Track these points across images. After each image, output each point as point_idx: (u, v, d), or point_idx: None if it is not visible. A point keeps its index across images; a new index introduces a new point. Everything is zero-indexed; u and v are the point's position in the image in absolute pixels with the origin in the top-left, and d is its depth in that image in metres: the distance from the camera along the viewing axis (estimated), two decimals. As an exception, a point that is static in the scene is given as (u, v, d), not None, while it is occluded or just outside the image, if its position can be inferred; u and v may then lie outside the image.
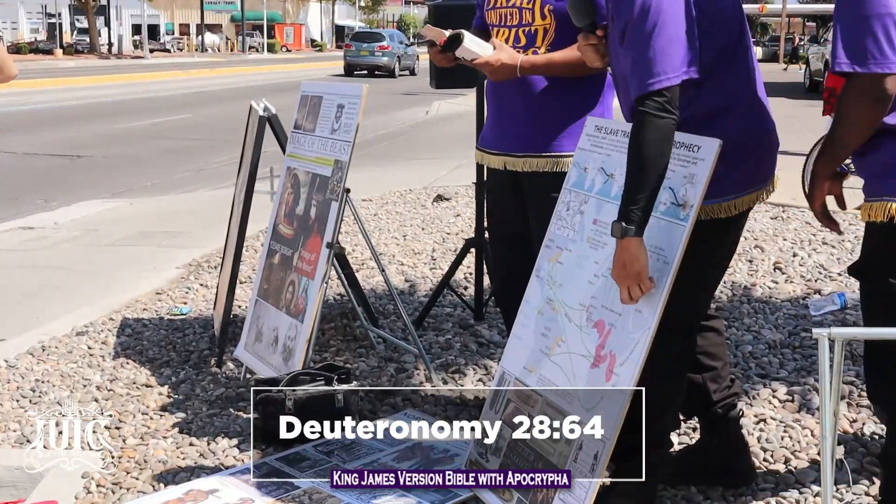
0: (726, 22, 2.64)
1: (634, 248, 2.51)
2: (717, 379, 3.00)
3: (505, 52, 3.19)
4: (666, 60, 2.46)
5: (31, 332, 4.91)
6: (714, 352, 2.99)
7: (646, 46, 2.47)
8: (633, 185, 2.49)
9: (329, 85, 4.23)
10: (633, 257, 2.51)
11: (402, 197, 8.61)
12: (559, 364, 2.80)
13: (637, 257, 2.51)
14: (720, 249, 2.80)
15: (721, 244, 2.79)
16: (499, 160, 3.39)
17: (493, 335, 4.59)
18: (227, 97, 22.75)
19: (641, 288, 2.54)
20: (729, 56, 2.65)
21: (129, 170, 11.52)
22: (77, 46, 60.30)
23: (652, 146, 2.46)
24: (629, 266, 2.52)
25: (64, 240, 7.30)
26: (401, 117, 18.44)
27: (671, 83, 2.46)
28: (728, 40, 2.64)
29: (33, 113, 18.46)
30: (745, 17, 2.74)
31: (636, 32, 2.50)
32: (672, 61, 2.46)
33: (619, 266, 2.54)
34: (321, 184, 3.95)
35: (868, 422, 3.50)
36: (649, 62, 2.47)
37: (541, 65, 3.19)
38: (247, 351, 4.17)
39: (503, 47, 3.20)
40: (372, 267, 5.76)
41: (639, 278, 2.53)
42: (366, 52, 34.81)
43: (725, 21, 2.63)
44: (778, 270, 5.66)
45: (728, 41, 2.64)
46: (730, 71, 2.65)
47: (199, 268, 6.19)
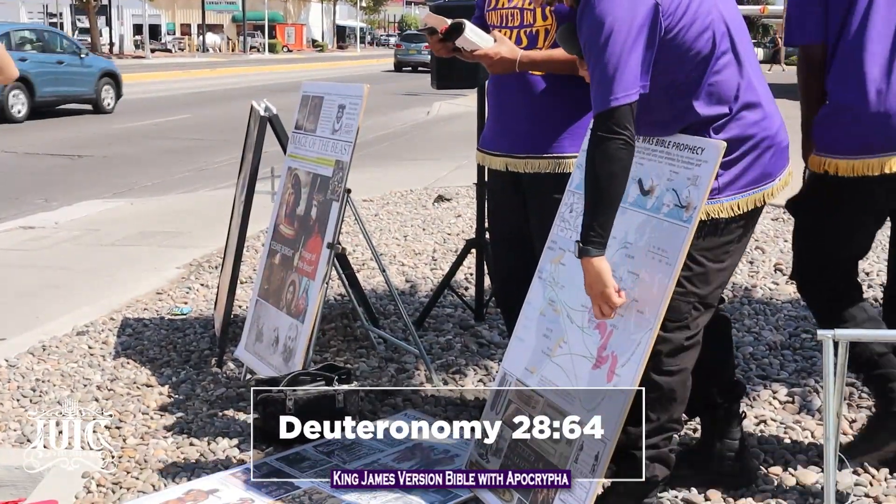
0: (705, 31, 2.58)
1: (596, 268, 2.55)
2: (723, 377, 3.00)
3: (505, 45, 3.18)
4: (616, 80, 2.47)
5: (32, 331, 4.91)
6: (719, 350, 2.99)
7: (596, 67, 2.51)
8: (590, 206, 2.54)
9: (330, 85, 4.23)
10: (594, 277, 2.56)
11: (403, 197, 8.61)
12: (561, 365, 2.80)
13: (598, 277, 2.55)
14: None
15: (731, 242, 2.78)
16: (500, 161, 3.39)
17: (493, 336, 4.58)
18: (228, 97, 22.76)
19: (610, 305, 2.57)
20: (714, 64, 2.61)
21: (130, 169, 11.52)
22: (78, 46, 60.29)
23: (600, 166, 2.50)
24: (594, 286, 2.57)
25: (64, 239, 7.30)
26: (402, 118, 18.44)
27: (619, 103, 2.48)
28: (710, 50, 2.60)
29: (34, 112, 18.45)
30: (736, 20, 2.70)
31: (588, 53, 2.55)
32: (622, 81, 2.48)
33: (586, 286, 2.60)
34: (322, 184, 3.94)
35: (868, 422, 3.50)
36: (600, 83, 2.50)
37: (540, 61, 3.19)
38: (247, 351, 4.17)
39: (504, 41, 3.19)
40: (373, 267, 5.75)
41: (604, 297, 2.57)
42: (413, 51, 38.30)
43: (704, 30, 2.58)
44: (779, 272, 5.66)
45: (710, 51, 2.60)
46: (719, 79, 2.62)
47: (200, 268, 6.19)
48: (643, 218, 2.67)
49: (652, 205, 2.65)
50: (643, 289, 2.61)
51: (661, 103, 2.63)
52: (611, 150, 2.48)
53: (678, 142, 2.63)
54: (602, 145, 2.49)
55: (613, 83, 2.47)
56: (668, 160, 2.64)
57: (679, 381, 2.75)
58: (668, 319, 2.59)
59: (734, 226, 2.71)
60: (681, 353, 2.72)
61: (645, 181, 2.69)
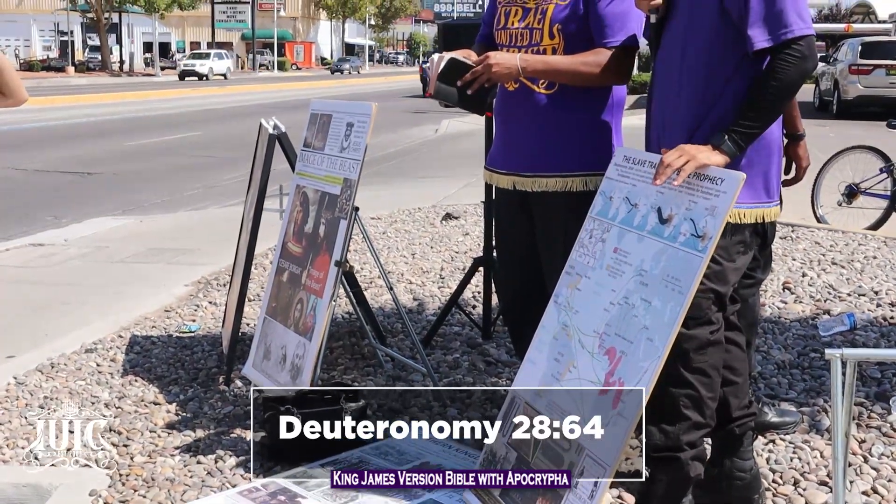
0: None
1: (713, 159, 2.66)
2: (739, 394, 3.01)
3: (500, 53, 3.24)
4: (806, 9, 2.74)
5: (40, 348, 4.92)
6: (736, 366, 2.99)
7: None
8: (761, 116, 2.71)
9: (338, 103, 4.24)
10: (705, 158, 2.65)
11: (411, 215, 8.62)
12: (568, 389, 2.81)
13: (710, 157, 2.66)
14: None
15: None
16: (507, 180, 3.39)
17: (501, 354, 4.58)
18: (236, 115, 22.84)
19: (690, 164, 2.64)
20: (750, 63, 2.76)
21: (140, 186, 11.57)
22: (89, 64, 60.72)
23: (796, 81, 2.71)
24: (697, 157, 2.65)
25: (73, 256, 7.32)
26: (410, 135, 18.48)
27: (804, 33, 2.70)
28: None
29: (45, 130, 18.58)
30: None
31: None
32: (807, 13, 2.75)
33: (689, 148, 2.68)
34: (330, 202, 3.95)
35: (877, 443, 3.49)
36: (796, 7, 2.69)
37: (542, 69, 3.22)
38: (255, 369, 4.17)
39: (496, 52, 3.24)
40: (380, 285, 5.76)
41: (696, 160, 2.65)
42: None
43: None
44: (787, 290, 5.64)
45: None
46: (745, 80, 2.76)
47: (208, 285, 6.20)
48: (660, 246, 2.68)
49: (669, 233, 2.67)
50: (655, 316, 2.63)
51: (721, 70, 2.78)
52: (809, 70, 2.71)
53: (699, 172, 2.66)
54: (806, 63, 2.68)
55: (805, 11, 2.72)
56: (688, 190, 2.66)
57: (709, 377, 2.79)
58: (689, 318, 2.62)
59: (743, 226, 2.81)
60: (707, 347, 2.77)
61: (664, 210, 2.71)
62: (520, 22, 3.32)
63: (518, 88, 3.33)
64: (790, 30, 2.66)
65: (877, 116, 17.16)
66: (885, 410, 3.74)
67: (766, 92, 2.69)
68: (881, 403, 3.82)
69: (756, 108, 2.70)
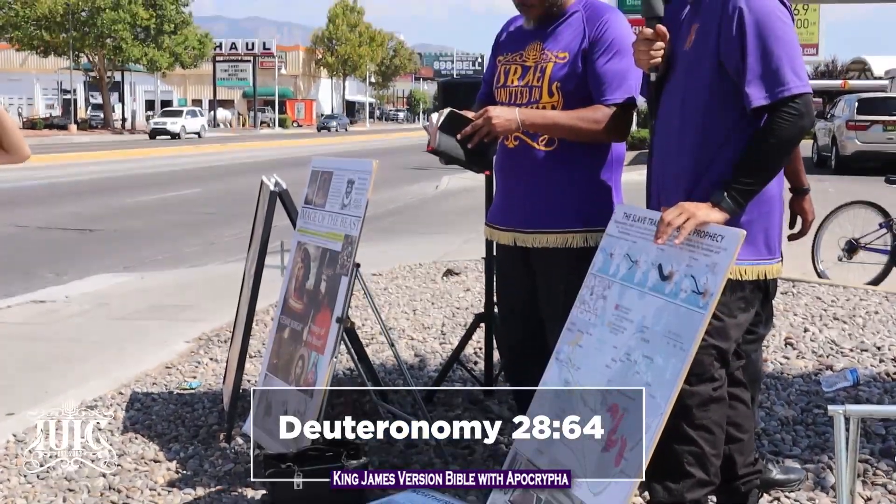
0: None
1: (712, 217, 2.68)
2: (744, 451, 2.99)
3: (498, 106, 3.26)
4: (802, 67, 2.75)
5: (40, 405, 4.89)
6: (742, 423, 2.98)
7: (783, 51, 2.71)
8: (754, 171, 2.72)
9: (339, 161, 4.27)
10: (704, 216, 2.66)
11: (412, 271, 8.63)
12: (571, 447, 2.80)
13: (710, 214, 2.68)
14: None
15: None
16: (508, 236, 3.41)
17: (503, 410, 4.56)
18: (237, 171, 22.97)
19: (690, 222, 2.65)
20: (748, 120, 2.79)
21: (141, 243, 11.59)
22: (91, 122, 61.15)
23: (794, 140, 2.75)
24: (701, 210, 2.67)
25: (75, 313, 7.31)
26: (410, 192, 18.57)
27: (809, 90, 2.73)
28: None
29: (47, 187, 18.67)
30: None
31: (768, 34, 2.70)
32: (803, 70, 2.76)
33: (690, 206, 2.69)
34: (331, 258, 3.96)
35: (883, 500, 3.46)
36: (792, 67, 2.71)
37: (541, 124, 3.25)
38: (256, 426, 4.14)
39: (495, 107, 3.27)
40: (382, 341, 5.75)
41: (696, 218, 2.66)
42: None
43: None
44: (789, 346, 5.63)
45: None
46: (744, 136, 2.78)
47: (209, 342, 6.19)
48: (661, 303, 2.69)
49: (670, 290, 2.68)
50: (656, 373, 2.62)
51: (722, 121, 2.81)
52: (806, 128, 2.74)
53: (699, 229, 2.67)
54: (803, 121, 2.70)
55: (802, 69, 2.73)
56: (689, 246, 2.67)
57: (713, 434, 2.78)
58: (692, 374, 2.62)
59: (745, 282, 2.82)
60: (710, 403, 2.77)
61: (665, 267, 2.72)
62: (519, 80, 3.35)
63: (518, 145, 3.36)
64: (787, 88, 2.68)
65: (875, 171, 17.28)
66: (890, 467, 3.71)
67: (763, 149, 2.71)
68: (886, 460, 3.79)
69: (754, 165, 2.72)
